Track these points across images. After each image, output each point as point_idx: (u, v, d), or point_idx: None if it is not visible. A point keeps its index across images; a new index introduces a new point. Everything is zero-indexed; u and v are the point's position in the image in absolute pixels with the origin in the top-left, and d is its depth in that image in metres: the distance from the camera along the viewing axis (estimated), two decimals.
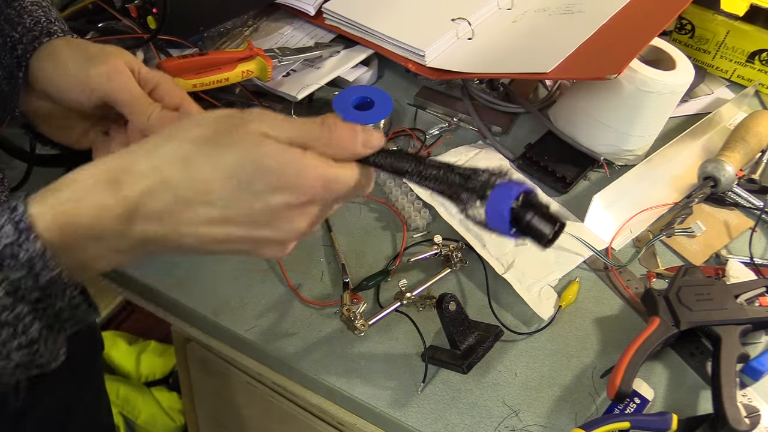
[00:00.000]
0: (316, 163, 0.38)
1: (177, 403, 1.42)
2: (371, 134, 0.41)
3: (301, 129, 0.39)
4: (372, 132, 0.41)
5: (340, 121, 0.40)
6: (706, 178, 0.79)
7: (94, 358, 0.88)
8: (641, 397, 0.62)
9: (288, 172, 0.38)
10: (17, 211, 0.36)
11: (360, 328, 0.64)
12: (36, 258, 0.36)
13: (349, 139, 0.40)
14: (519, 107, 0.90)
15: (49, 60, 0.52)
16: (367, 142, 0.40)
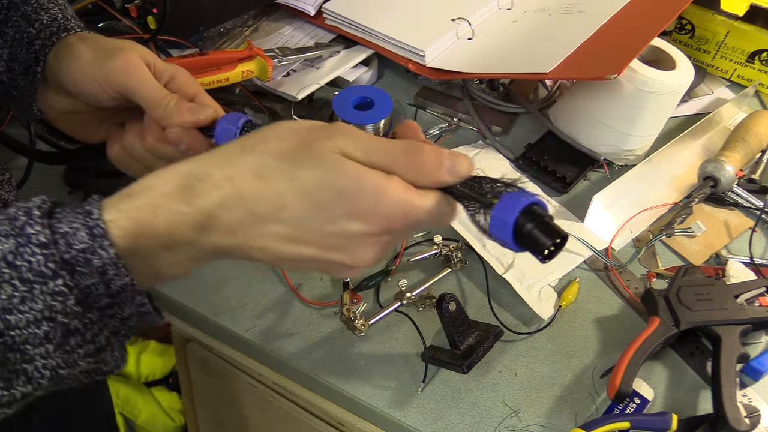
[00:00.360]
0: (398, 190, 0.37)
1: (177, 403, 1.42)
2: (459, 160, 0.38)
3: (384, 150, 0.37)
4: (460, 157, 0.38)
5: (427, 144, 0.38)
6: (706, 178, 0.79)
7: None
8: (641, 397, 0.62)
9: (367, 200, 0.36)
10: (92, 215, 0.35)
11: (360, 328, 0.64)
12: (109, 265, 0.35)
13: (435, 165, 0.38)
14: (519, 107, 0.90)
15: (66, 55, 0.52)
16: (453, 168, 0.38)
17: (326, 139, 0.37)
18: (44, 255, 0.34)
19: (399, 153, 0.37)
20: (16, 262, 0.34)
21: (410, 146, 0.38)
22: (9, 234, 0.34)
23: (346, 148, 0.37)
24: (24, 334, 0.34)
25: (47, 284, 0.34)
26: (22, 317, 0.34)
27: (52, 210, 0.36)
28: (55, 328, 0.35)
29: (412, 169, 0.38)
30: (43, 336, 0.35)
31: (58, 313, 0.34)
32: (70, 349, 0.36)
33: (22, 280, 0.34)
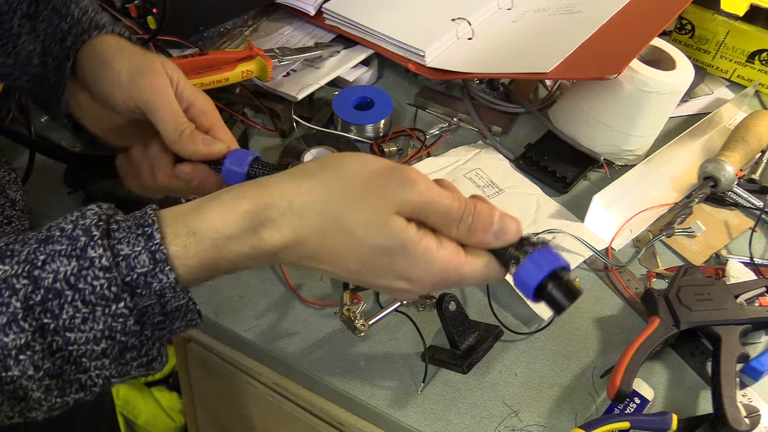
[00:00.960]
0: (445, 258, 0.39)
1: (177, 403, 1.42)
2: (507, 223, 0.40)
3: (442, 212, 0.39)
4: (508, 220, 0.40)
5: (481, 205, 0.40)
6: (706, 178, 0.79)
7: None
8: (641, 397, 0.62)
9: (417, 268, 0.39)
10: (154, 239, 0.36)
11: (360, 328, 0.64)
12: (168, 289, 0.37)
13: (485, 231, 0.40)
14: (519, 107, 0.90)
15: (95, 57, 0.52)
16: (500, 233, 0.40)
17: (391, 193, 0.38)
18: (107, 279, 0.35)
19: (455, 215, 0.39)
20: (78, 285, 0.35)
21: (468, 210, 0.39)
22: (70, 255, 0.35)
23: (405, 206, 0.38)
24: (82, 350, 0.36)
25: (110, 307, 0.35)
26: (82, 335, 0.35)
27: (109, 228, 0.37)
28: (113, 346, 0.36)
29: (465, 231, 0.39)
30: (100, 352, 0.36)
31: (118, 333, 0.36)
32: (125, 362, 0.38)
33: (85, 302, 0.35)
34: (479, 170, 0.82)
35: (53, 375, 0.36)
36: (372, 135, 0.86)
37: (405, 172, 0.39)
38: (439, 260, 0.39)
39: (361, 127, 0.85)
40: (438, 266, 0.39)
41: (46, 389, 0.36)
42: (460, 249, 0.40)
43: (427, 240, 0.39)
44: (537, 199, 0.80)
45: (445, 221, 0.39)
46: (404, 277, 0.39)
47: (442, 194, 0.39)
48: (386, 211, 0.38)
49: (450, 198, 0.39)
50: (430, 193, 0.39)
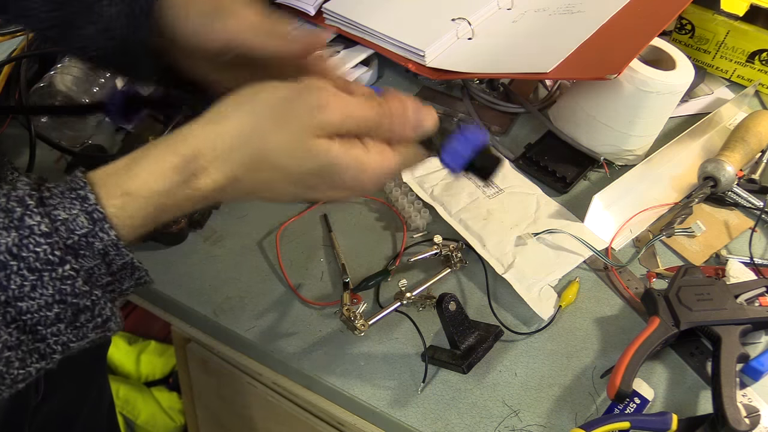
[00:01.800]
0: (376, 162, 0.41)
1: (177, 403, 1.42)
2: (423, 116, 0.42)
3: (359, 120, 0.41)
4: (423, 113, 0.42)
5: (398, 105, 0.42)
6: (706, 178, 0.79)
7: (100, 353, 0.89)
8: (641, 397, 0.62)
9: (349, 177, 0.41)
10: (88, 201, 0.37)
11: (360, 328, 0.64)
12: (111, 247, 0.37)
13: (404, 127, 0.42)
14: (519, 107, 0.90)
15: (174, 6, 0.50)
16: (418, 126, 0.42)
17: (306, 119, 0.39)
18: (49, 244, 0.36)
19: (372, 123, 0.41)
20: (21, 254, 0.35)
21: (383, 114, 0.41)
22: (9, 227, 0.35)
23: (323, 128, 0.40)
24: (36, 317, 0.36)
25: (56, 271, 0.36)
26: (33, 303, 0.36)
27: (41, 196, 0.37)
28: (66, 309, 0.37)
29: (386, 133, 0.42)
30: (54, 317, 0.37)
31: (68, 296, 0.37)
32: (80, 325, 0.38)
33: (31, 269, 0.35)
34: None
35: (11, 347, 0.36)
36: None
37: (315, 94, 0.40)
38: (369, 164, 0.41)
39: None
40: (370, 169, 0.41)
41: (6, 362, 0.36)
42: (386, 147, 0.42)
43: (354, 150, 0.40)
44: (537, 199, 0.80)
45: (365, 129, 0.41)
46: (341, 187, 0.42)
47: (356, 106, 0.41)
48: (306, 136, 0.39)
49: (364, 107, 0.41)
50: (344, 109, 0.40)
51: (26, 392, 0.66)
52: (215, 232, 0.77)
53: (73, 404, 0.80)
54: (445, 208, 0.77)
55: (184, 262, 0.74)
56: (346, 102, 0.40)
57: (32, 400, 0.68)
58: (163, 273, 0.73)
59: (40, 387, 0.68)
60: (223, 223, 0.78)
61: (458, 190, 0.78)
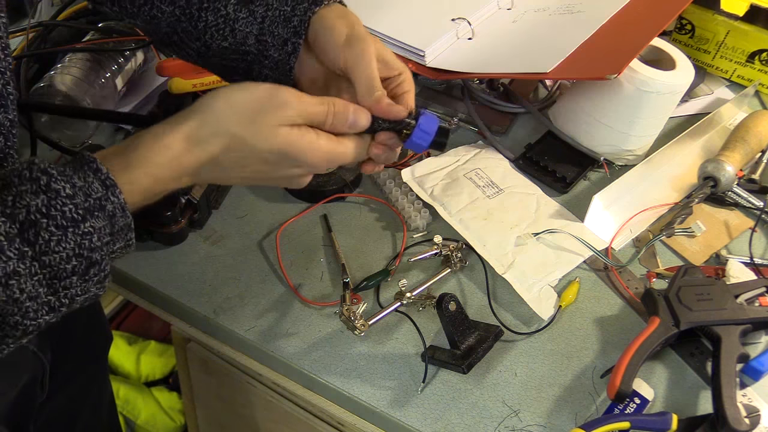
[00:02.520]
0: (325, 146, 0.51)
1: (177, 403, 1.42)
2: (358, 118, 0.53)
3: (314, 119, 0.51)
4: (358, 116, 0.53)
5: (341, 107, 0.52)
6: (706, 178, 0.79)
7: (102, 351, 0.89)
8: (641, 397, 0.62)
9: (306, 156, 0.50)
10: (101, 171, 0.44)
11: (360, 328, 0.64)
12: (118, 209, 0.44)
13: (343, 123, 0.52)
14: (519, 107, 0.90)
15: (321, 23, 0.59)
16: (353, 124, 0.53)
17: (274, 111, 0.49)
18: (74, 204, 0.42)
19: (322, 118, 0.51)
20: (51, 213, 0.41)
21: (329, 112, 0.51)
22: (38, 191, 0.41)
23: (286, 120, 0.49)
24: (55, 270, 0.42)
25: (78, 227, 0.42)
26: (56, 256, 0.41)
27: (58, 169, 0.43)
28: (82, 262, 0.43)
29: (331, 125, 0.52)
30: (70, 270, 0.42)
31: (86, 249, 0.43)
32: (88, 278, 0.44)
33: (58, 226, 0.41)
34: (479, 170, 0.82)
35: (32, 297, 0.41)
36: None
37: (281, 95, 0.50)
38: (320, 147, 0.51)
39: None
40: (321, 150, 0.51)
41: (24, 312, 0.41)
42: (333, 137, 0.52)
43: (309, 135, 0.50)
44: (537, 199, 0.80)
45: (317, 122, 0.51)
46: (299, 165, 0.51)
47: (311, 104, 0.51)
48: (273, 125, 0.49)
49: (317, 105, 0.51)
50: (302, 107, 0.50)
51: (32, 390, 0.66)
52: (215, 232, 0.77)
53: (76, 402, 0.81)
54: (445, 208, 0.77)
55: (184, 262, 0.74)
56: (305, 100, 0.50)
57: (38, 398, 0.68)
58: (163, 273, 0.73)
59: (45, 385, 0.68)
60: (223, 223, 0.78)
61: (458, 190, 0.78)
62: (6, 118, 0.51)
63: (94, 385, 0.87)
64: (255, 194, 0.81)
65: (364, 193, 0.81)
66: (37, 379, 0.67)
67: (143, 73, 0.92)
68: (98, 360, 0.88)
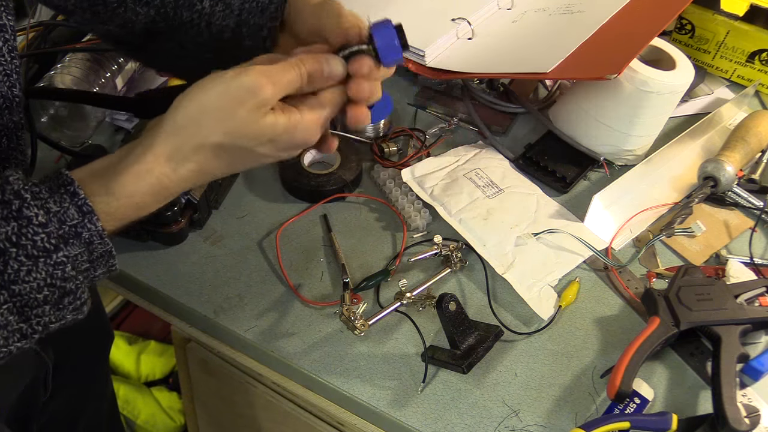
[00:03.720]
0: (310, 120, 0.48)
1: (177, 403, 1.42)
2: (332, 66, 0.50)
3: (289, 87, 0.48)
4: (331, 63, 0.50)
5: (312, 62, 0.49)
6: (706, 178, 0.79)
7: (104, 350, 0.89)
8: (641, 397, 0.62)
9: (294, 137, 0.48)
10: (78, 196, 0.42)
11: (360, 328, 0.64)
12: (95, 236, 0.42)
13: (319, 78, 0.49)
14: (519, 107, 0.90)
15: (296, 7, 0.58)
16: (331, 74, 0.50)
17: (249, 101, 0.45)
18: (46, 233, 0.40)
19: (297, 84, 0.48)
20: (21, 242, 0.39)
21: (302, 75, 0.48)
22: (8, 217, 0.39)
23: (267, 103, 0.46)
24: (25, 299, 0.40)
25: (51, 257, 0.40)
26: (26, 286, 0.40)
27: (33, 191, 0.41)
28: (54, 292, 0.41)
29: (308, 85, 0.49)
30: (42, 299, 0.41)
31: (58, 279, 0.41)
32: (62, 306, 0.42)
33: (28, 256, 0.39)
34: (479, 170, 0.82)
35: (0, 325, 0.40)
36: (372, 135, 0.86)
37: (249, 80, 0.46)
38: (309, 123, 0.48)
39: (361, 127, 0.85)
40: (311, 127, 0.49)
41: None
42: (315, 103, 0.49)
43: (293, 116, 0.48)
44: (537, 199, 0.80)
45: (294, 89, 0.48)
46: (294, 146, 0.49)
47: (281, 74, 0.47)
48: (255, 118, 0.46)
49: (287, 72, 0.48)
50: (273, 83, 0.46)
51: (36, 389, 0.66)
52: (215, 232, 0.77)
53: (78, 400, 0.81)
54: (445, 208, 0.77)
55: (184, 262, 0.74)
56: (272, 76, 0.46)
57: (41, 397, 0.68)
58: (163, 273, 0.73)
59: (48, 385, 0.68)
60: (223, 223, 0.78)
61: (458, 190, 0.78)
62: (11, 120, 0.49)
63: (96, 384, 0.87)
64: (255, 194, 0.81)
65: (364, 192, 0.81)
66: (40, 378, 0.67)
67: (143, 73, 0.92)
68: (100, 358, 0.89)
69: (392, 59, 0.53)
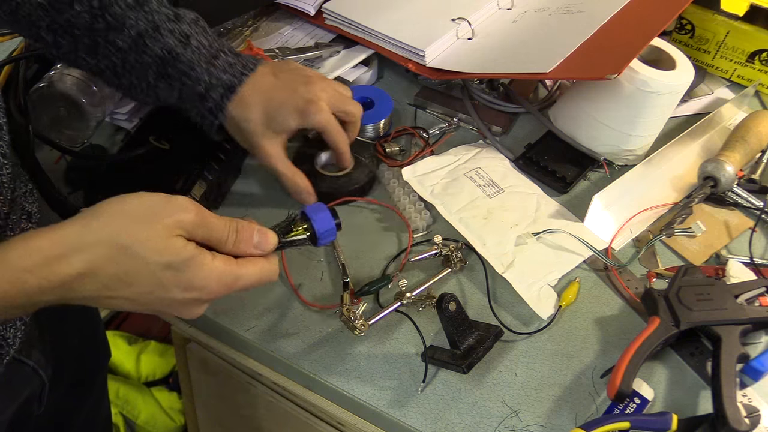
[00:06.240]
0: (222, 267, 0.47)
1: (177, 403, 1.42)
2: (266, 239, 0.50)
3: (214, 231, 0.47)
4: (265, 234, 0.50)
5: (246, 225, 0.49)
6: (706, 178, 0.79)
7: (100, 366, 0.89)
8: (641, 397, 0.62)
9: (198, 276, 0.46)
10: None
11: (360, 328, 0.64)
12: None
13: (248, 242, 0.49)
14: (519, 107, 0.90)
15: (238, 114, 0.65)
16: (259, 244, 0.50)
17: (169, 216, 0.45)
18: None
19: (222, 234, 0.48)
20: None
21: (231, 229, 0.48)
22: None
23: (182, 228, 0.45)
24: None
25: None
26: None
27: None
28: None
29: (233, 247, 0.48)
30: None
31: None
32: None
33: None
34: (479, 169, 0.82)
35: None
36: (372, 135, 0.86)
37: (179, 201, 0.46)
38: (216, 269, 0.46)
39: (362, 127, 0.85)
40: (215, 273, 0.46)
41: None
42: (232, 259, 0.48)
43: (203, 254, 0.46)
44: (537, 199, 0.80)
45: (215, 239, 0.47)
46: (191, 287, 0.46)
47: (212, 217, 0.47)
48: (167, 234, 0.45)
49: (217, 219, 0.48)
50: (201, 215, 0.46)
51: (30, 405, 0.66)
52: None
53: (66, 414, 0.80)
54: (445, 206, 0.77)
55: None
56: (204, 211, 0.47)
57: (35, 412, 0.67)
58: None
59: (43, 399, 0.68)
60: None
61: (459, 189, 0.78)
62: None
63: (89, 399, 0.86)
64: (256, 194, 0.81)
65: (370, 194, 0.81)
66: (35, 394, 0.66)
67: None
68: (95, 375, 0.88)
69: (328, 241, 0.55)
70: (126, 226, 0.44)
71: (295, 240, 0.54)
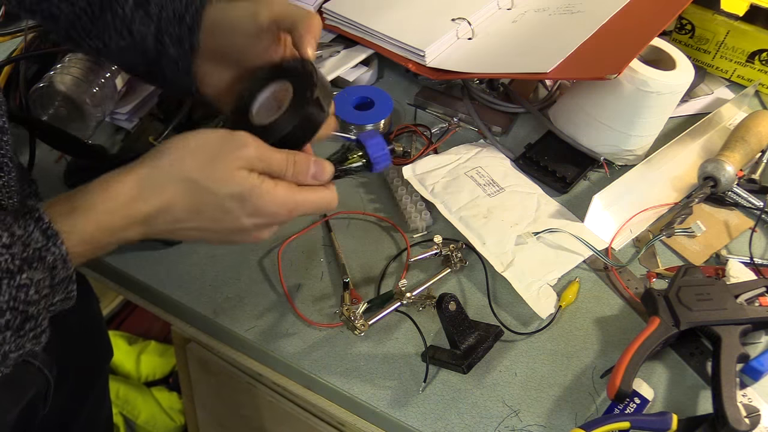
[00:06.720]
0: (283, 193, 0.50)
1: (177, 403, 1.42)
2: (322, 167, 0.52)
3: (273, 163, 0.50)
4: (322, 165, 0.52)
5: (303, 157, 0.51)
6: (706, 178, 0.79)
7: (103, 366, 0.89)
8: (641, 397, 0.62)
9: (261, 202, 0.49)
10: (43, 220, 0.42)
11: (360, 328, 0.64)
12: (59, 260, 0.42)
13: (305, 173, 0.51)
14: (519, 107, 0.90)
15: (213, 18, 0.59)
16: (316, 174, 0.52)
17: (231, 152, 0.48)
18: (11, 254, 0.40)
19: (283, 164, 0.50)
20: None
21: (288, 161, 0.50)
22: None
23: (244, 161, 0.48)
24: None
25: (14, 279, 0.40)
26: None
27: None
28: (16, 317, 0.41)
29: (293, 176, 0.51)
30: (4, 324, 0.40)
31: (21, 303, 0.40)
32: (23, 333, 0.42)
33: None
34: (480, 168, 0.82)
35: None
36: None
37: (238, 137, 0.48)
38: (279, 195, 0.49)
39: (362, 127, 0.85)
40: (279, 199, 0.49)
41: None
42: (293, 186, 0.50)
43: (266, 182, 0.49)
44: (537, 199, 0.80)
45: (275, 171, 0.50)
46: (256, 213, 0.49)
47: (270, 151, 0.49)
48: (231, 167, 0.47)
49: (276, 152, 0.50)
50: (260, 149, 0.49)
51: (35, 405, 0.66)
52: None
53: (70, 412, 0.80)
54: (445, 205, 0.77)
55: (184, 262, 0.74)
56: (262, 145, 0.49)
57: (40, 412, 0.67)
58: (163, 273, 0.73)
59: (48, 399, 0.68)
60: None
61: (459, 188, 0.78)
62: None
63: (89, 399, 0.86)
64: None
65: (369, 193, 0.81)
66: (41, 394, 0.66)
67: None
68: (97, 374, 0.88)
69: (383, 166, 0.57)
70: (192, 162, 0.47)
71: (351, 167, 0.56)
